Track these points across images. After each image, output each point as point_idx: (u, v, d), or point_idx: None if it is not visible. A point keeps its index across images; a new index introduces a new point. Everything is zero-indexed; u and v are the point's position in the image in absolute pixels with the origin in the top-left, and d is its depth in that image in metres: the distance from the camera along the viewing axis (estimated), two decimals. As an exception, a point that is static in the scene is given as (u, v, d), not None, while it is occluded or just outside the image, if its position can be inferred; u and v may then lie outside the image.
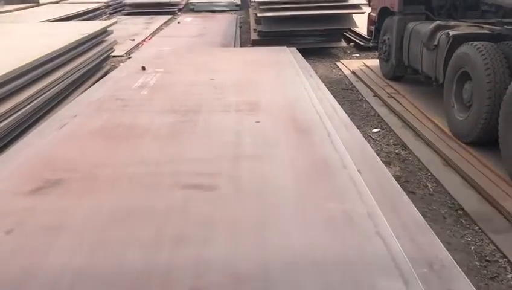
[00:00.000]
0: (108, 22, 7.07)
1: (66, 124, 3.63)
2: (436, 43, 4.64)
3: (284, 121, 3.60)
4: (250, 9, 13.18)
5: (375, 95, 5.88)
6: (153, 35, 11.28)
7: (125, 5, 16.27)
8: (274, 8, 7.77)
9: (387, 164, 3.92)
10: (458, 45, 4.25)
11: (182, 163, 2.86)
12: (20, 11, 13.71)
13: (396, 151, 4.22)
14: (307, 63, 5.65)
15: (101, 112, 3.92)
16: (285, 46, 6.67)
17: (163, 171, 2.77)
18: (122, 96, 4.33)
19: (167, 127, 3.50)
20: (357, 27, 8.07)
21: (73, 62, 5.66)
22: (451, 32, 4.41)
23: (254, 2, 8.11)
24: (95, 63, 6.38)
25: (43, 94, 4.76)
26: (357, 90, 6.19)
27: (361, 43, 8.67)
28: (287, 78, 5.03)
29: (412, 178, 3.71)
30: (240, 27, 12.72)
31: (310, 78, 5.11)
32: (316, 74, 5.87)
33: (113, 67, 7.63)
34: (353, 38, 9.03)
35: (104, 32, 7.05)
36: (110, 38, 7.35)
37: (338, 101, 5.56)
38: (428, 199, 3.39)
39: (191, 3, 16.90)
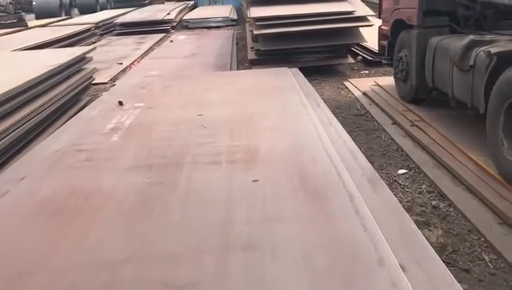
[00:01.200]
0: (86, 48, 6.27)
1: (6, 192, 2.79)
2: (471, 63, 3.78)
3: (289, 178, 2.75)
4: (246, 25, 12.43)
5: (394, 122, 5.01)
6: (142, 57, 10.49)
7: (116, 25, 15.53)
8: (272, 24, 6.96)
9: (426, 224, 3.04)
10: (504, 67, 3.40)
11: (147, 263, 1.99)
12: (4, 36, 13.01)
13: (433, 203, 3.34)
14: (312, 87, 4.84)
15: (56, 171, 3.08)
16: (286, 68, 5.86)
17: (119, 278, 1.91)
18: (87, 145, 3.49)
19: (136, 194, 2.65)
20: (365, 41, 7.24)
21: (38, 99, 4.84)
22: (493, 50, 3.55)
23: (250, 18, 7.28)
24: (68, 97, 5.55)
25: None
26: (372, 117, 5.33)
27: (370, 58, 7.85)
28: (290, 110, 4.18)
29: (460, 246, 2.83)
30: (237, 44, 11.95)
31: (317, 108, 4.27)
32: (322, 98, 5.06)
33: (94, 98, 6.81)
34: (360, 53, 8.20)
35: (82, 60, 6.23)
36: (89, 66, 6.53)
37: (351, 132, 4.73)
38: (491, 282, 2.51)
39: (185, 20, 16.17)
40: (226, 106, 4.34)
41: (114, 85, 7.33)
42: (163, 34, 14.52)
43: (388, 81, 6.13)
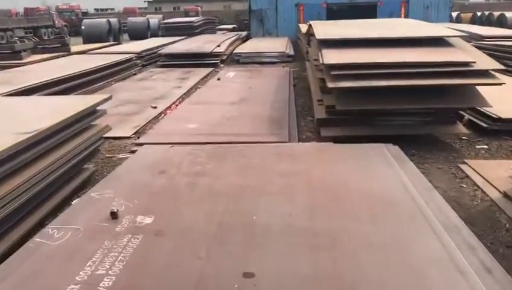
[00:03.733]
0: (92, 101, 4.46)
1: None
2: None
3: None
4: (307, 64, 10.54)
5: None
6: (183, 99, 8.75)
7: (160, 55, 14.07)
8: (355, 74, 4.97)
9: None
10: None
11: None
12: (32, 65, 11.79)
13: None
14: (434, 190, 2.79)
15: None
16: (382, 146, 3.83)
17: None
18: None
19: None
20: (489, 106, 5.09)
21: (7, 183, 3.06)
22: None
23: (323, 64, 5.32)
24: (56, 174, 3.75)
25: None
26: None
27: (484, 125, 5.69)
28: (416, 256, 2.16)
29: None
30: (294, 85, 10.04)
31: (472, 252, 2.23)
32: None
33: (103, 165, 5.02)
34: (468, 116, 6.04)
35: (89, 114, 4.46)
36: (98, 124, 4.75)
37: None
38: None
39: (236, 53, 14.49)
40: (293, 244, 2.36)
41: (138, 139, 5.58)
42: (211, 69, 12.90)
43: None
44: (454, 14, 26.53)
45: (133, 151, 5.31)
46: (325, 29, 7.04)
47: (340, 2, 21.01)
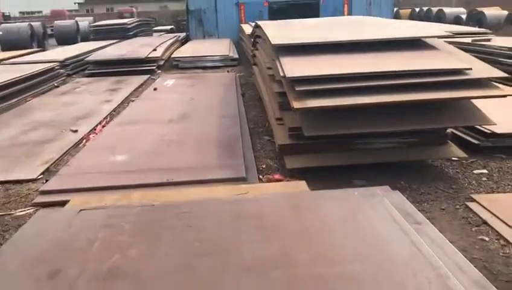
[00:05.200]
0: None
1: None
2: None
3: None
4: (255, 69, 9.39)
5: None
6: (111, 117, 7.32)
7: (88, 62, 12.40)
8: (327, 89, 3.85)
9: None
10: None
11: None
12: None
13: None
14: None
15: None
16: (378, 193, 2.73)
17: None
18: None
19: None
20: (492, 123, 4.12)
21: None
22: None
23: (281, 76, 4.17)
24: None
25: None
26: None
27: (476, 142, 4.77)
28: None
29: None
30: (243, 95, 8.87)
31: None
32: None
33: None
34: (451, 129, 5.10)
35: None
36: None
37: None
38: None
39: (174, 58, 13.09)
40: None
41: (45, 184, 4.21)
42: (147, 76, 11.45)
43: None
44: (394, 11, 26.40)
45: (37, 205, 3.92)
46: (278, 31, 5.90)
47: (282, 0, 20.09)
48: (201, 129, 6.08)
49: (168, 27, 30.01)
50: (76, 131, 6.42)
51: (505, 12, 20.93)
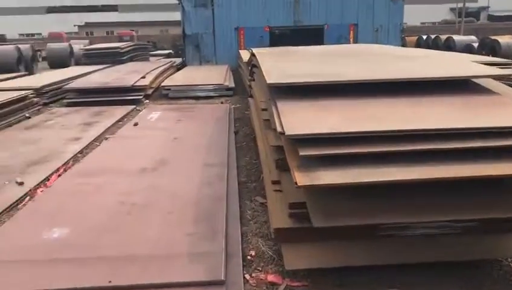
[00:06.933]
0: None
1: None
2: None
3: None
4: (251, 102, 8.15)
5: None
6: (74, 163, 6.02)
7: (68, 91, 11.19)
8: (345, 154, 2.56)
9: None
10: None
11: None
12: None
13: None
14: None
15: None
16: None
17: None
18: None
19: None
20: None
21: None
22: None
23: (278, 132, 2.86)
24: None
25: None
26: None
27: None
28: None
29: None
30: (236, 133, 7.60)
31: None
32: None
33: None
34: None
35: None
36: None
37: None
38: None
39: (164, 86, 11.88)
40: None
41: None
42: (132, 107, 10.22)
43: None
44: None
45: None
46: (276, 63, 4.65)
47: (284, 25, 19.06)
48: (177, 185, 4.77)
49: (166, 51, 29.04)
50: (22, 183, 5.11)
51: (519, 41, 19.82)
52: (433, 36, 26.01)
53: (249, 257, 3.33)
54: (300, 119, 2.96)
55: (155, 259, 3.15)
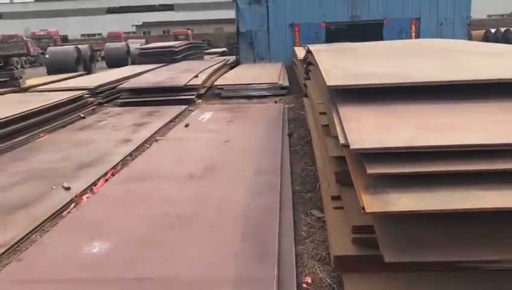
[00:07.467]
0: None
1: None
2: None
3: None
4: (306, 102, 7.68)
5: None
6: (122, 166, 5.82)
7: (122, 90, 11.20)
8: (423, 173, 2.07)
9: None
10: None
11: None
12: None
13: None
14: None
15: None
16: None
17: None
18: None
19: None
20: None
21: None
22: None
23: (340, 144, 2.40)
24: None
25: None
26: None
27: None
28: None
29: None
30: (290, 135, 7.16)
31: None
32: None
33: None
34: None
35: None
36: None
37: None
38: None
39: (217, 86, 11.64)
40: None
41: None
42: (185, 107, 10.02)
43: None
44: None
45: None
46: (335, 61, 4.16)
47: (341, 20, 18.36)
48: (226, 195, 4.40)
49: (221, 49, 29.05)
50: (68, 188, 4.94)
51: None
52: (503, 29, 24.26)
53: (304, 285, 2.89)
54: (366, 127, 2.49)
55: (196, 284, 2.79)
